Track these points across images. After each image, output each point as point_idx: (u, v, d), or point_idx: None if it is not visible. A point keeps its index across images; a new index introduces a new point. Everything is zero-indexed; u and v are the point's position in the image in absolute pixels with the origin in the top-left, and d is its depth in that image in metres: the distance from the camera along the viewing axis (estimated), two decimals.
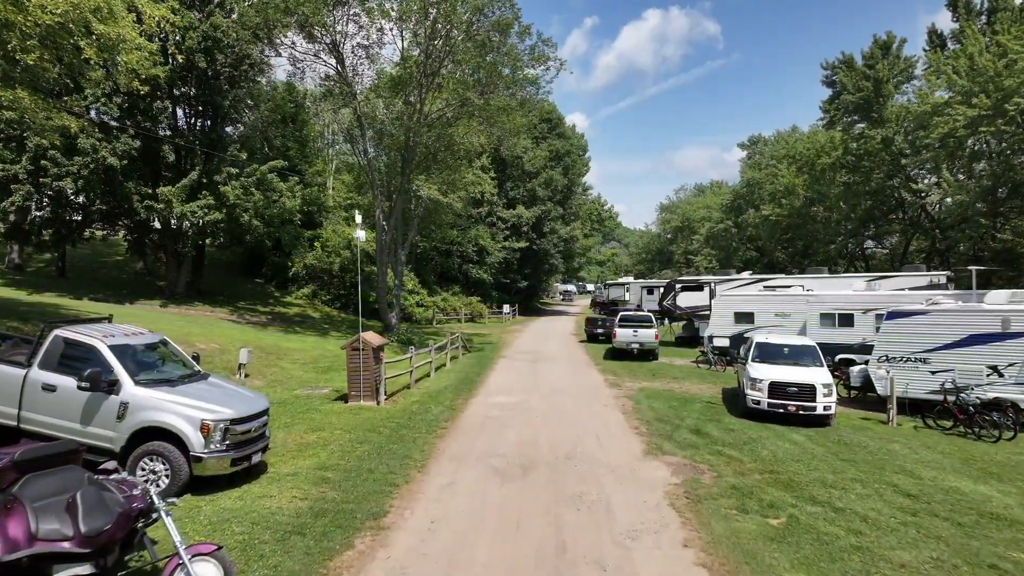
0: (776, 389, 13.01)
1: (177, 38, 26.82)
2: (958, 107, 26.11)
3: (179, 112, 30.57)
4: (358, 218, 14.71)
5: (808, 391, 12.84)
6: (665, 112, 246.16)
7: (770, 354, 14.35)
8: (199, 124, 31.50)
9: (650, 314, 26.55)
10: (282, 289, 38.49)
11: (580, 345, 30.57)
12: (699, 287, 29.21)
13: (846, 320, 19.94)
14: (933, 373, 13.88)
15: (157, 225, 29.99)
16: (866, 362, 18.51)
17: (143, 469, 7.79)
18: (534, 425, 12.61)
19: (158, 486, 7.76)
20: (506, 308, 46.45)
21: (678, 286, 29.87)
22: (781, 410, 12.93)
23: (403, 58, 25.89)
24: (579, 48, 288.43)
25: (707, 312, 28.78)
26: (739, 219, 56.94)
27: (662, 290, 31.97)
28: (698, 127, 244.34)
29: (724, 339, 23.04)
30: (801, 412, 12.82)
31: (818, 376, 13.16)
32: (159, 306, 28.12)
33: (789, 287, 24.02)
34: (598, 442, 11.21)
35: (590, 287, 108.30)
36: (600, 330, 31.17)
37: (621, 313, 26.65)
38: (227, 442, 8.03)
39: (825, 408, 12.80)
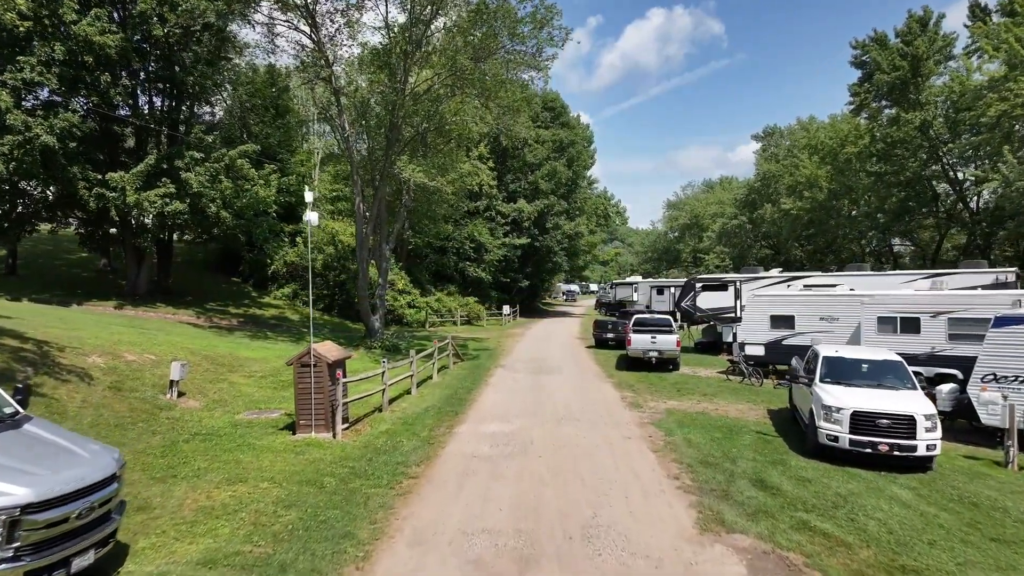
0: (861, 421, 9.68)
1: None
2: (1022, 79, 22.73)
3: (140, 92, 27.44)
4: (308, 196, 11.40)
5: (905, 425, 9.50)
6: (668, 112, 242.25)
7: (844, 372, 11.01)
8: (161, 104, 28.33)
9: (669, 317, 23.22)
10: (260, 289, 35.26)
11: (588, 351, 27.25)
12: (722, 286, 25.86)
13: (910, 325, 16.57)
14: None
15: (116, 217, 26.71)
16: (936, 377, 15.27)
17: None
18: (536, 473, 9.29)
19: None
20: (506, 309, 43.13)
21: (698, 285, 26.53)
22: (868, 450, 9.59)
23: (386, 25, 22.58)
24: (582, 48, 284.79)
25: (731, 315, 25.49)
26: (754, 215, 53.58)
27: (680, 290, 28.65)
28: (701, 127, 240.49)
29: (758, 346, 19.72)
30: (896, 453, 9.48)
31: (916, 404, 9.82)
32: (113, 307, 24.92)
33: (834, 286, 20.67)
34: (627, 505, 7.88)
35: (593, 287, 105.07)
36: (610, 334, 27.84)
37: (636, 316, 23.31)
38: (16, 543, 4.74)
39: (929, 448, 9.46)
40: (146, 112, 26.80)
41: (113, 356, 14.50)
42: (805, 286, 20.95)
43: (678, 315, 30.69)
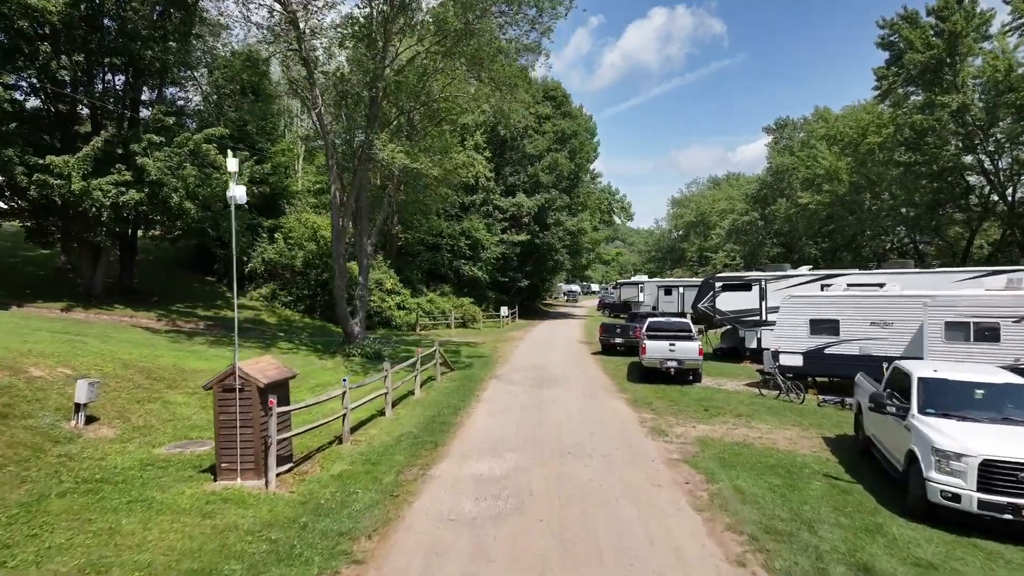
0: (997, 474, 6.86)
1: None
2: None
3: (95, 69, 24.62)
4: (231, 164, 8.57)
5: None
6: (668, 112, 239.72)
7: (952, 401, 8.19)
8: (126, 83, 25.48)
9: (688, 321, 20.44)
10: (236, 289, 32.44)
11: (593, 358, 24.45)
12: (746, 286, 23.06)
13: (987, 332, 13.80)
14: None
15: (71, 209, 23.85)
16: None
17: None
18: (537, 550, 6.48)
19: None
20: (504, 311, 40.32)
21: (718, 285, 23.72)
22: (1008, 515, 6.77)
23: None
24: (583, 47, 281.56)
25: (756, 318, 22.72)
26: (767, 211, 50.77)
27: (696, 290, 25.85)
28: (701, 127, 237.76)
29: (795, 356, 16.90)
30: None
31: None
32: (60, 310, 22.15)
33: (881, 285, 17.89)
34: None
35: (595, 287, 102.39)
36: (618, 339, 25.03)
37: (650, 320, 20.54)
38: None
39: None
40: (99, 90, 23.96)
41: (13, 371, 11.70)
42: (849, 285, 18.13)
43: (688, 317, 28.02)
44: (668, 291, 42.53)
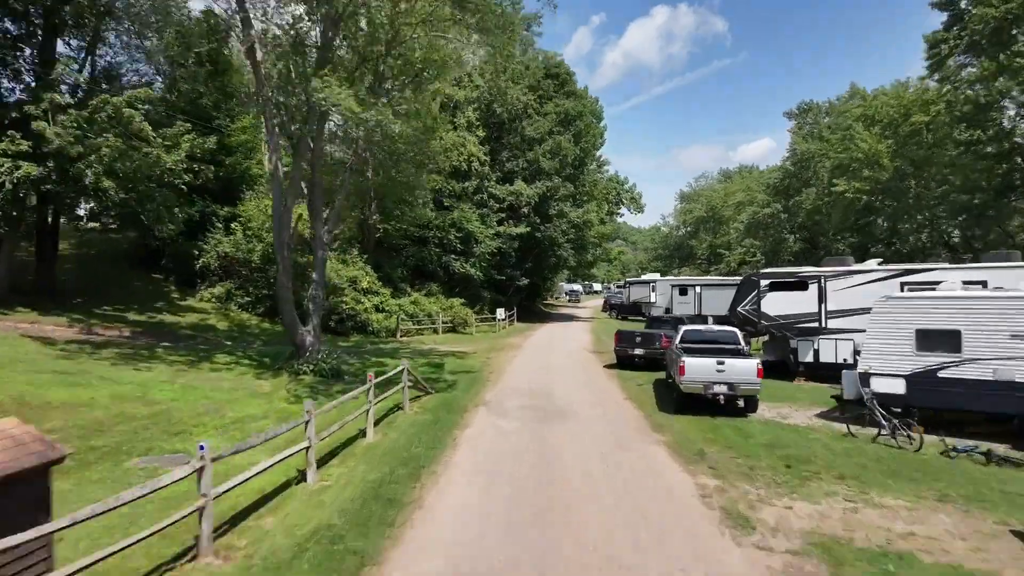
0: None
1: None
2: None
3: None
4: None
5: None
6: (670, 111, 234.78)
7: None
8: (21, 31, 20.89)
9: (734, 330, 15.80)
10: (188, 288, 27.83)
11: (608, 374, 19.83)
12: (800, 285, 18.42)
13: None
14: None
15: None
16: None
17: None
18: None
19: None
20: (500, 313, 35.64)
21: (764, 283, 19.03)
22: None
23: None
24: (584, 46, 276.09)
25: (813, 324, 18.10)
26: (791, 203, 46.08)
27: (736, 289, 21.13)
28: (703, 126, 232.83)
29: (895, 380, 12.25)
30: None
31: None
32: None
33: (984, 283, 13.28)
34: None
35: (596, 287, 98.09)
36: (638, 350, 20.34)
37: (685, 329, 15.84)
38: None
39: None
40: None
41: None
42: (966, 283, 13.42)
43: (711, 321, 23.46)
44: (683, 291, 38.01)
